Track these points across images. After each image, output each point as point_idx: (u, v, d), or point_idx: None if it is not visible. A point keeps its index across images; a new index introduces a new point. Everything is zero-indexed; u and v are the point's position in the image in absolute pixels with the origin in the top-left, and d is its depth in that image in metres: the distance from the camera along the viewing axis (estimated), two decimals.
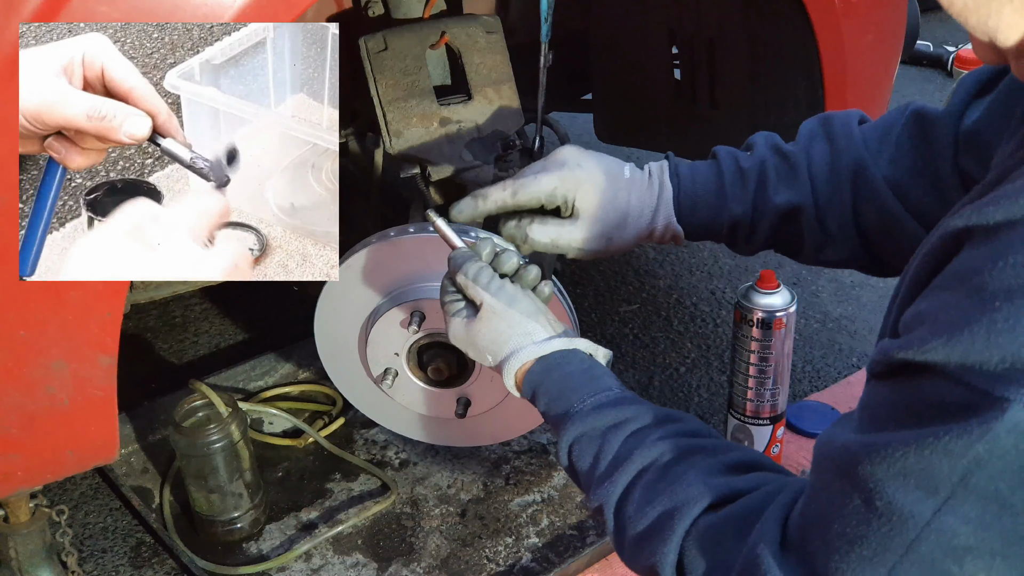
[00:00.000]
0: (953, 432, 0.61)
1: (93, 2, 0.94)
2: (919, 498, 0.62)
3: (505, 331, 1.05)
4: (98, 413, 1.17)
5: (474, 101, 1.40)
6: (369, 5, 1.50)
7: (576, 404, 0.98)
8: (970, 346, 0.61)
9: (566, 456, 0.97)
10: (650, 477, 0.88)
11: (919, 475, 0.62)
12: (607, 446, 0.93)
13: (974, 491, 0.61)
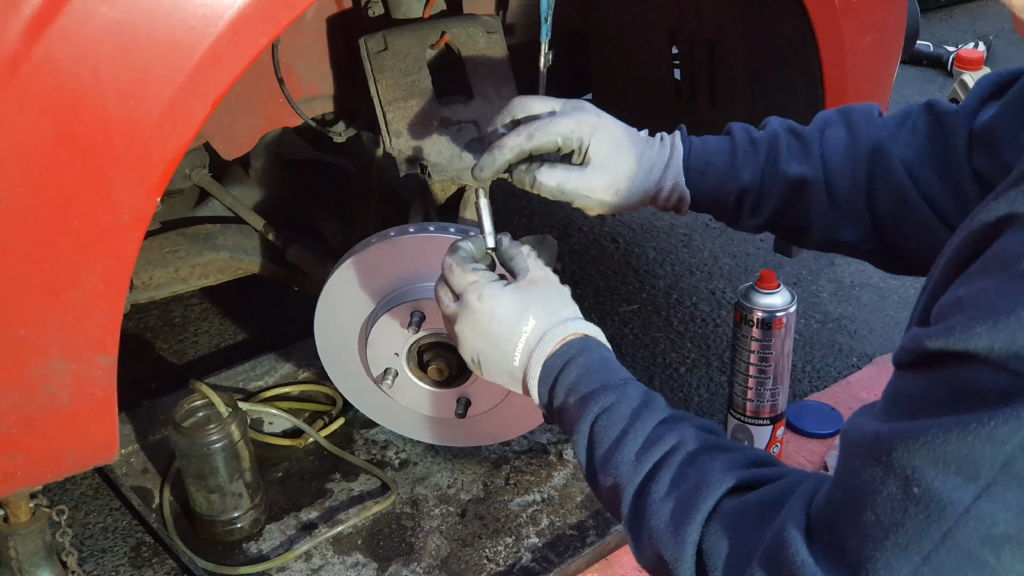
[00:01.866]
0: (999, 418, 0.59)
1: (93, 2, 0.94)
2: (959, 484, 0.61)
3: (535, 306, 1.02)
4: (98, 413, 1.17)
5: (474, 101, 1.40)
6: (369, 5, 1.50)
7: (612, 379, 0.96)
8: (1016, 332, 0.60)
9: (588, 428, 0.94)
10: (678, 462, 0.86)
11: (960, 461, 0.61)
12: (639, 424, 0.91)
13: (1016, 478, 0.60)
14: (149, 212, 1.06)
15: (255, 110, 1.55)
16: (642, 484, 0.87)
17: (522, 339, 1.01)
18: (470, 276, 1.05)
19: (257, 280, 1.92)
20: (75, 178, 1.00)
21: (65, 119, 0.97)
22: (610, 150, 1.18)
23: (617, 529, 1.63)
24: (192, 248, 1.74)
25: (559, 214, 2.89)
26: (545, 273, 1.07)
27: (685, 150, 1.21)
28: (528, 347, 1.01)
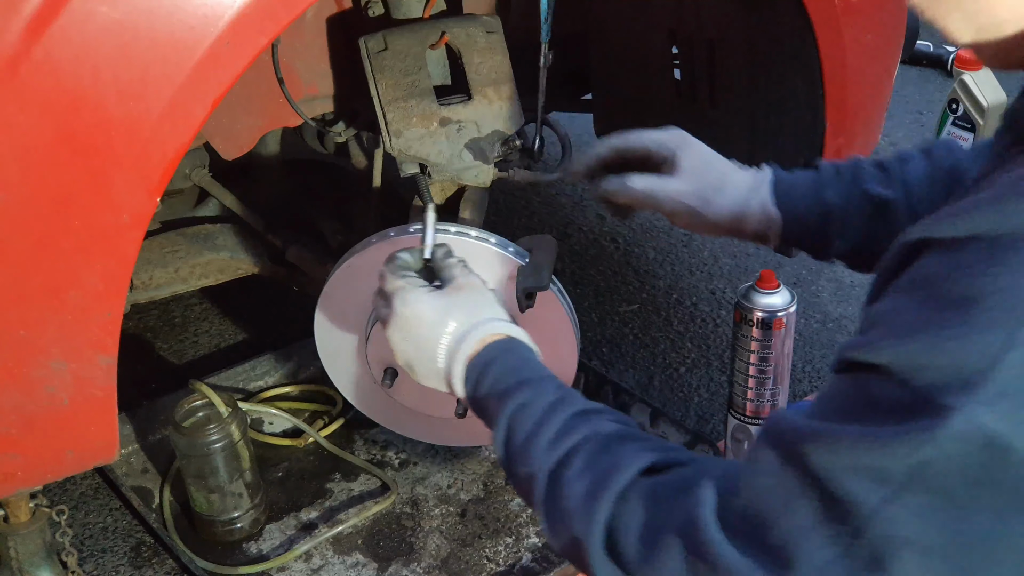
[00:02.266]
0: (899, 433, 0.62)
1: (93, 2, 0.94)
2: (870, 488, 0.64)
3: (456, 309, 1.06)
4: (98, 413, 1.17)
5: (474, 101, 1.40)
6: (369, 5, 1.50)
7: (530, 376, 0.99)
8: (918, 351, 0.63)
9: (505, 422, 0.96)
10: (592, 447, 0.89)
11: (869, 469, 0.64)
12: (554, 416, 0.93)
13: (922, 485, 0.62)
14: (149, 212, 1.06)
15: (255, 110, 1.55)
16: (556, 469, 0.89)
17: (443, 340, 1.04)
18: (398, 282, 1.09)
19: (257, 280, 1.92)
20: (75, 178, 1.00)
21: (65, 119, 0.97)
22: (699, 161, 1.22)
23: None
24: (192, 248, 1.74)
25: (559, 214, 2.89)
26: (471, 280, 1.11)
27: (773, 178, 1.22)
28: (450, 348, 1.04)
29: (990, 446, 0.60)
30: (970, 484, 0.61)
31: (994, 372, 0.59)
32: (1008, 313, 0.60)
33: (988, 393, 0.59)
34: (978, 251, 0.63)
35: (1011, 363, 0.59)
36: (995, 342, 0.60)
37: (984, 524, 0.62)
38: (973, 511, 0.62)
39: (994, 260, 0.61)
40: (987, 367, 0.60)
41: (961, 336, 0.61)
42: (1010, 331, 0.59)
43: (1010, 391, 0.59)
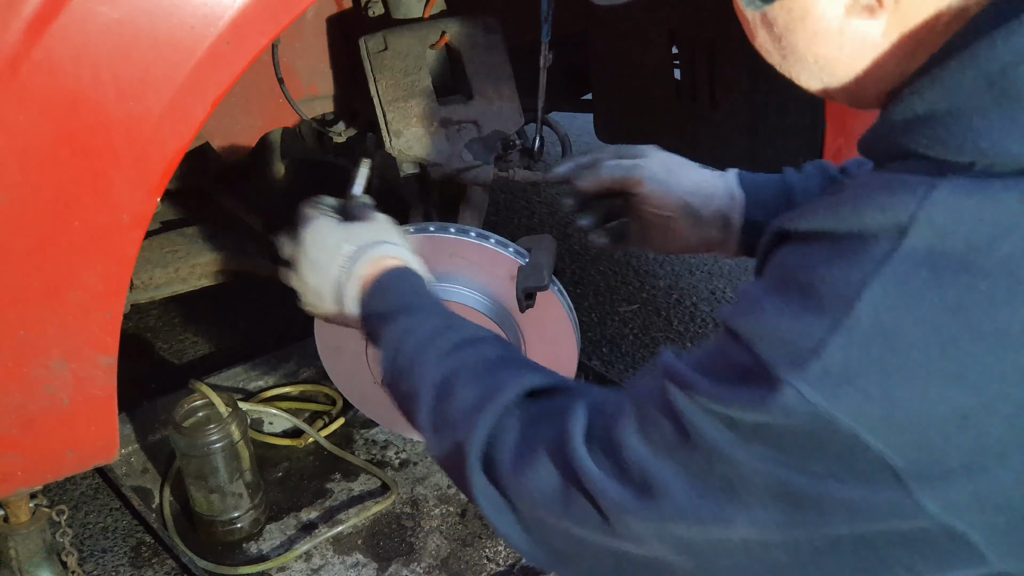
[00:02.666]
0: (740, 396, 0.69)
1: (93, 2, 0.94)
2: (723, 432, 0.71)
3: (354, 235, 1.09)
4: (98, 413, 1.17)
5: (474, 101, 1.40)
6: (369, 5, 1.50)
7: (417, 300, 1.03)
8: (763, 325, 0.71)
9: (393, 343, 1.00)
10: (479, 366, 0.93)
11: (721, 418, 0.71)
12: (441, 338, 0.97)
13: (763, 439, 0.69)
14: (149, 212, 1.06)
15: (255, 110, 1.55)
16: (442, 383, 0.93)
17: (339, 262, 1.07)
18: (309, 212, 1.13)
19: (257, 280, 1.92)
20: (75, 178, 1.00)
21: (65, 119, 0.97)
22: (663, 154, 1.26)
23: None
24: (192, 248, 1.74)
25: (559, 214, 2.89)
26: (374, 215, 1.15)
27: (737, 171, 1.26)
28: (345, 269, 1.07)
29: (815, 420, 0.66)
30: (802, 447, 0.68)
31: (820, 353, 0.66)
32: (836, 302, 0.67)
33: (814, 371, 0.66)
34: (820, 245, 0.71)
35: (835, 347, 0.66)
36: (823, 326, 0.66)
37: (814, 483, 0.68)
38: (803, 470, 0.68)
39: (831, 254, 0.69)
40: (813, 348, 0.66)
41: (796, 318, 0.69)
42: (837, 318, 0.66)
43: (833, 371, 0.66)
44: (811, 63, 0.78)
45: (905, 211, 0.66)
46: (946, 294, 0.64)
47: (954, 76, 0.68)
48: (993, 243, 0.64)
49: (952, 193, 0.65)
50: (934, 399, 0.64)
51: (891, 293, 0.65)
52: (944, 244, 0.65)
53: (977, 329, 0.63)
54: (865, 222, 0.68)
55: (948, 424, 0.64)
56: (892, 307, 0.65)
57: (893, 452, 0.65)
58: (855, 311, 0.66)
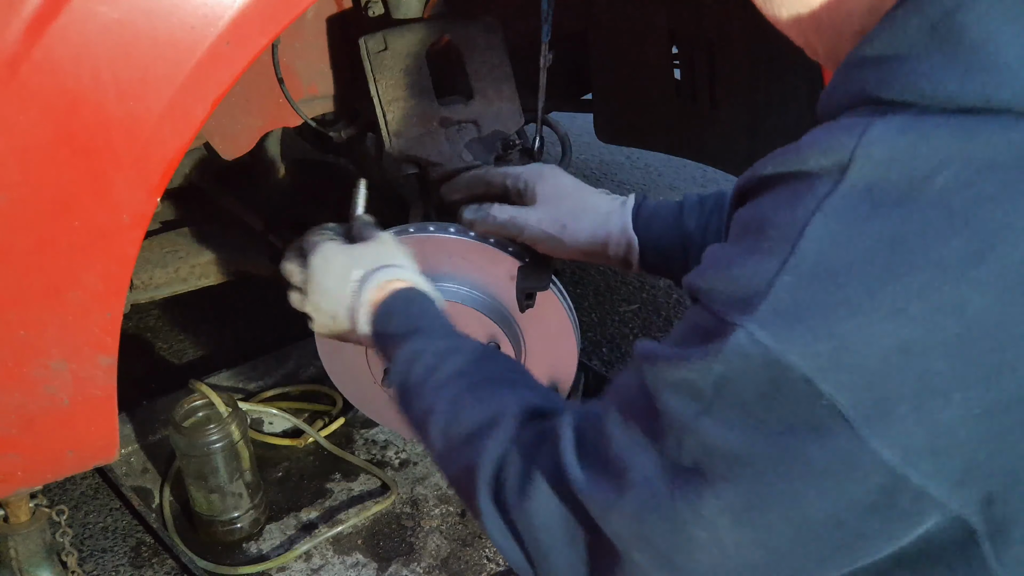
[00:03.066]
0: (699, 353, 0.69)
1: (93, 2, 0.94)
2: (687, 402, 0.70)
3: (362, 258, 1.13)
4: (98, 413, 1.17)
5: (474, 101, 1.40)
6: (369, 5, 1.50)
7: (425, 322, 1.06)
8: (715, 277, 0.72)
9: (405, 363, 1.02)
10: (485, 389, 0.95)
11: (684, 385, 0.70)
12: (447, 361, 0.99)
13: (726, 400, 0.68)
14: (149, 212, 1.06)
15: (255, 110, 1.55)
16: (449, 408, 0.95)
17: (350, 287, 1.11)
18: (314, 238, 1.17)
19: (257, 280, 1.92)
20: (75, 178, 1.00)
21: (65, 119, 0.97)
22: (554, 191, 1.30)
23: None
24: (192, 248, 1.74)
25: None
26: (380, 236, 1.17)
27: (636, 204, 1.28)
28: (355, 293, 1.10)
29: (769, 363, 0.66)
30: (761, 398, 0.67)
31: (768, 294, 0.66)
32: (781, 242, 0.67)
33: (764, 312, 0.66)
34: (772, 192, 0.72)
35: (782, 286, 0.66)
36: (770, 267, 0.67)
37: (779, 438, 0.67)
38: (767, 425, 0.67)
39: (779, 197, 0.70)
40: (762, 289, 0.67)
41: (744, 263, 0.69)
42: (783, 258, 0.66)
43: (781, 310, 0.66)
44: None
45: (845, 150, 0.67)
46: (884, 227, 0.64)
47: (901, 22, 0.70)
48: (928, 177, 0.64)
49: (888, 130, 0.66)
50: (876, 333, 0.64)
51: (832, 229, 0.66)
52: (882, 179, 0.65)
53: (913, 261, 0.64)
54: (808, 163, 0.69)
55: (890, 359, 0.64)
56: (833, 243, 0.66)
57: (842, 395, 0.64)
58: (799, 249, 0.66)
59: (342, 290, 1.11)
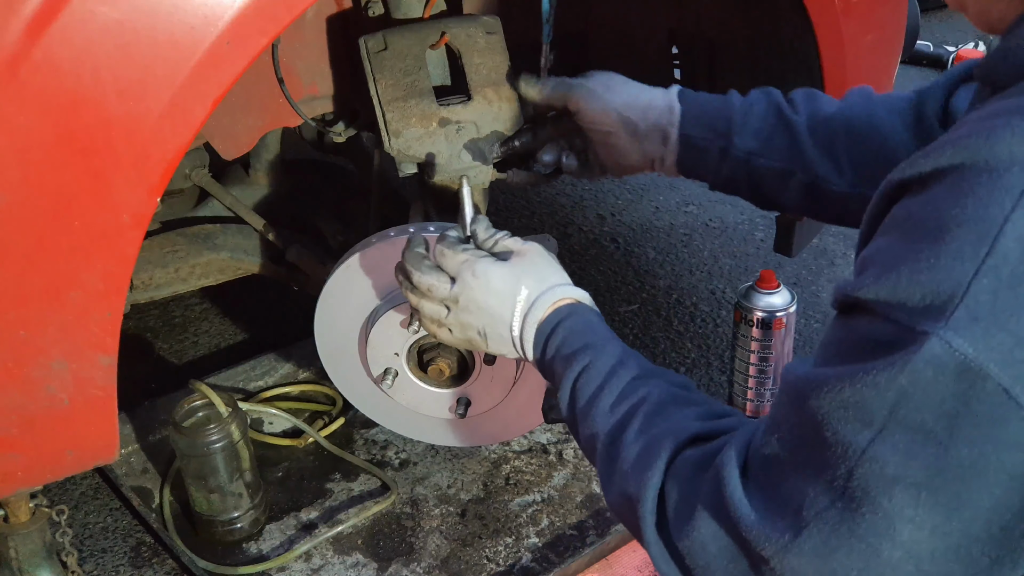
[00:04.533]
0: (879, 366, 0.64)
1: (93, 2, 0.94)
2: (857, 429, 0.66)
3: (525, 276, 1.10)
4: (98, 413, 1.17)
5: (474, 101, 1.40)
6: (369, 5, 1.50)
7: (594, 340, 1.04)
8: (896, 284, 0.66)
9: (570, 384, 1.02)
10: (647, 411, 0.93)
11: (855, 408, 0.66)
12: (615, 380, 0.98)
13: (903, 423, 0.64)
14: (149, 212, 1.06)
15: (255, 110, 1.55)
16: (614, 432, 0.94)
17: (518, 307, 1.09)
18: (462, 256, 1.12)
19: (257, 280, 1.92)
20: (75, 178, 1.00)
21: (65, 119, 0.97)
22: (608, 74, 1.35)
23: (617, 529, 1.63)
24: (192, 248, 1.74)
25: (559, 214, 2.89)
26: (531, 247, 1.15)
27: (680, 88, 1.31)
28: (522, 314, 1.09)
29: (965, 372, 0.61)
30: (946, 417, 0.63)
31: (965, 298, 0.62)
32: (976, 241, 0.62)
33: (960, 318, 0.62)
34: (948, 183, 0.65)
35: (980, 289, 0.61)
36: (965, 269, 0.62)
37: (964, 457, 0.63)
38: (952, 445, 0.63)
39: (961, 191, 0.64)
40: (957, 293, 0.62)
41: (932, 266, 0.63)
42: (978, 258, 0.61)
43: (981, 316, 0.61)
44: None
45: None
46: None
47: None
48: None
49: None
50: None
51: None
52: None
53: None
54: (997, 150, 0.63)
55: None
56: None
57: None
58: (998, 248, 0.61)
59: (505, 310, 1.09)
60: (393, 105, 1.37)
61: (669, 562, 0.84)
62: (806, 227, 1.81)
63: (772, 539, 0.72)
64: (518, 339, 1.10)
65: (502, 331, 1.11)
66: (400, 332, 1.43)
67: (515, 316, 1.09)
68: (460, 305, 1.12)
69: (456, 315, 1.13)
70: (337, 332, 1.52)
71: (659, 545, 0.84)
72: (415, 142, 1.37)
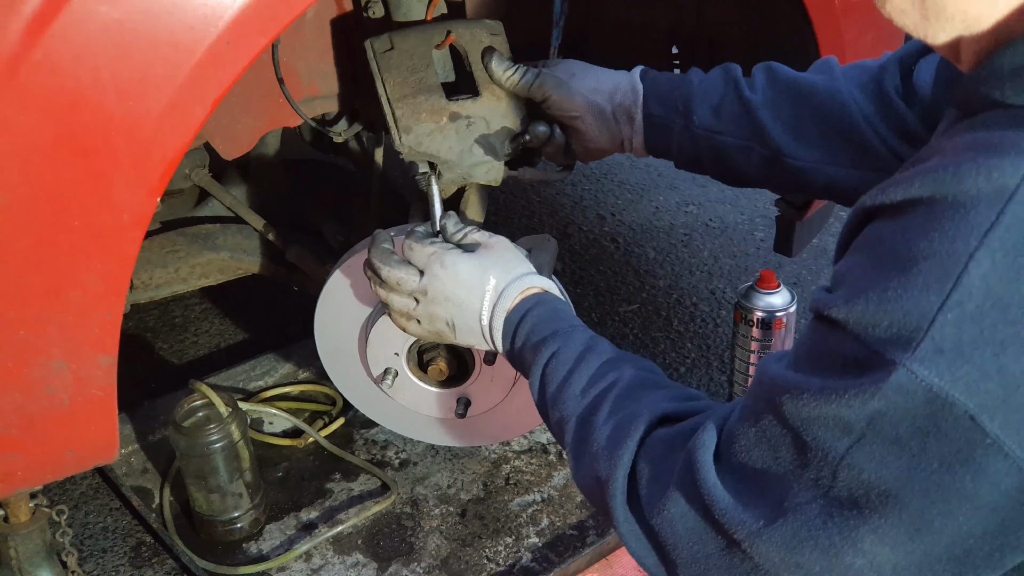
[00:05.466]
0: (852, 389, 0.68)
1: (93, 2, 0.94)
2: (837, 436, 0.69)
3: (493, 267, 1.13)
4: (98, 413, 1.17)
5: (482, 97, 1.38)
6: (369, 6, 1.50)
7: (562, 327, 1.07)
8: (864, 309, 0.68)
9: (540, 371, 1.04)
10: (617, 394, 0.96)
11: (834, 419, 0.69)
12: (584, 365, 1.01)
13: (879, 433, 0.67)
14: (149, 212, 1.06)
15: (255, 110, 1.55)
16: (584, 414, 0.97)
17: (487, 297, 1.12)
18: (430, 249, 1.16)
19: (257, 280, 1.92)
20: (75, 178, 1.00)
21: (65, 119, 0.97)
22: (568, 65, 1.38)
23: None
24: (192, 248, 1.74)
25: (559, 214, 2.89)
26: (497, 240, 1.18)
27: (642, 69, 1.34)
28: (491, 304, 1.12)
29: (932, 400, 0.64)
30: (919, 434, 0.66)
31: (931, 330, 0.64)
32: (942, 276, 0.64)
33: (926, 350, 0.64)
34: (918, 215, 0.68)
35: (945, 323, 0.64)
36: (931, 302, 0.65)
37: (933, 474, 0.66)
38: (923, 458, 0.66)
39: (930, 224, 0.66)
40: (923, 326, 0.65)
41: (900, 296, 0.66)
42: (943, 292, 0.64)
43: (946, 348, 0.64)
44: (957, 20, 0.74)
45: (1014, 174, 0.63)
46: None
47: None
48: None
49: None
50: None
51: (999, 264, 0.63)
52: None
53: None
54: (965, 185, 0.65)
55: None
56: (1002, 277, 0.63)
57: (1010, 436, 0.63)
58: (963, 283, 0.63)
59: (474, 300, 1.12)
60: (403, 102, 1.36)
61: (640, 539, 0.86)
62: (806, 227, 1.81)
63: (746, 524, 0.75)
64: (487, 328, 1.13)
65: (471, 322, 1.13)
66: (400, 332, 1.43)
67: (484, 306, 1.12)
68: (429, 296, 1.15)
69: (425, 307, 1.16)
70: (337, 332, 1.52)
71: (630, 523, 0.87)
72: (426, 137, 1.35)
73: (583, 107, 1.32)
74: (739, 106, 1.26)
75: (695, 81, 1.30)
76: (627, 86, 1.32)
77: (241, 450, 1.60)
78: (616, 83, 1.32)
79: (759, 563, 0.75)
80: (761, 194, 2.91)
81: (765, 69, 1.29)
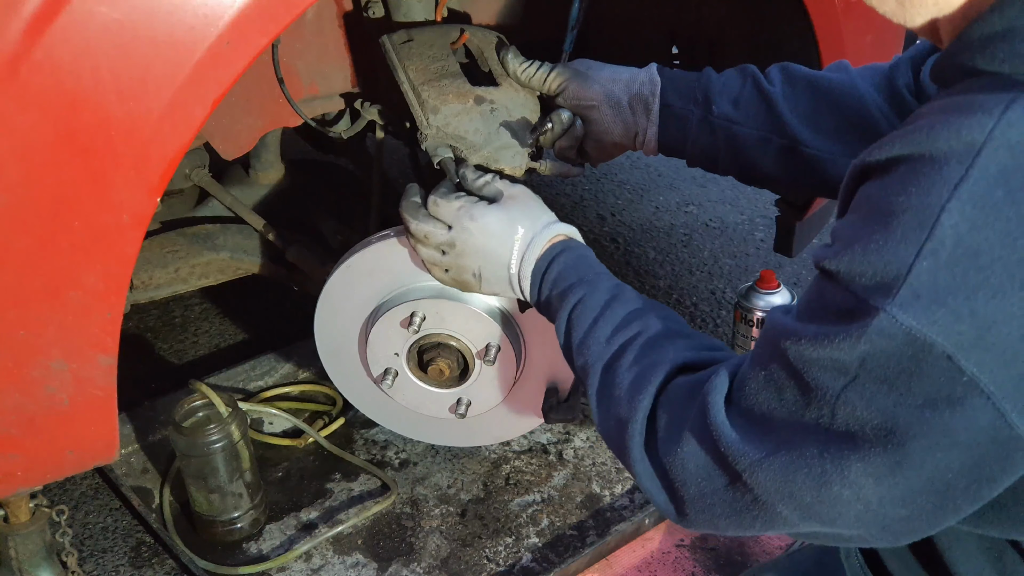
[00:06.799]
0: (842, 334, 0.74)
1: (93, 2, 0.94)
2: (834, 376, 0.75)
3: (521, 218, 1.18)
4: (98, 413, 1.17)
5: (502, 87, 1.38)
6: (369, 5, 1.50)
7: (588, 274, 1.11)
8: (851, 260, 0.74)
9: (566, 316, 1.08)
10: (641, 343, 1.00)
11: (830, 361, 0.75)
12: (610, 313, 1.05)
13: (870, 374, 0.73)
14: (149, 212, 1.06)
15: (255, 110, 1.55)
16: (609, 361, 1.01)
17: (515, 247, 1.16)
18: (456, 203, 1.20)
19: (257, 280, 1.92)
20: (75, 178, 1.00)
21: (65, 119, 0.97)
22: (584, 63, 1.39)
23: (617, 529, 1.63)
24: (192, 248, 1.74)
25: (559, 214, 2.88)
26: (520, 189, 1.23)
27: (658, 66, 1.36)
28: (520, 253, 1.17)
29: (912, 341, 0.70)
30: (904, 374, 0.71)
31: (908, 278, 0.70)
32: (917, 227, 0.70)
33: (904, 296, 0.70)
34: (899, 172, 0.74)
35: (921, 270, 0.70)
36: (908, 252, 0.70)
37: (917, 410, 0.72)
38: (909, 397, 0.72)
39: (908, 180, 0.72)
40: (901, 273, 0.70)
41: (881, 248, 0.72)
42: (919, 242, 0.70)
43: (922, 294, 0.69)
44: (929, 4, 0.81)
45: (981, 131, 0.68)
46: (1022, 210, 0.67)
47: None
48: None
49: None
50: (1018, 314, 0.68)
51: (968, 214, 0.68)
52: (1018, 165, 0.68)
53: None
54: (938, 144, 0.71)
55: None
56: (972, 228, 0.68)
57: (983, 372, 0.68)
58: (936, 233, 0.69)
59: (504, 250, 1.17)
60: (428, 85, 1.34)
61: (652, 478, 0.92)
62: (806, 227, 1.81)
63: (748, 455, 0.81)
64: (515, 277, 1.17)
65: (499, 271, 1.18)
66: (400, 332, 1.43)
67: (513, 255, 1.16)
68: (457, 249, 1.19)
69: (453, 258, 1.20)
70: (337, 332, 1.52)
71: (644, 463, 0.92)
72: (454, 118, 1.32)
73: (600, 95, 1.33)
74: (758, 98, 1.28)
75: (713, 75, 1.32)
76: (645, 77, 1.33)
77: (241, 450, 1.60)
78: (633, 75, 1.34)
79: (758, 494, 0.81)
80: (761, 194, 2.91)
81: (781, 68, 1.31)
